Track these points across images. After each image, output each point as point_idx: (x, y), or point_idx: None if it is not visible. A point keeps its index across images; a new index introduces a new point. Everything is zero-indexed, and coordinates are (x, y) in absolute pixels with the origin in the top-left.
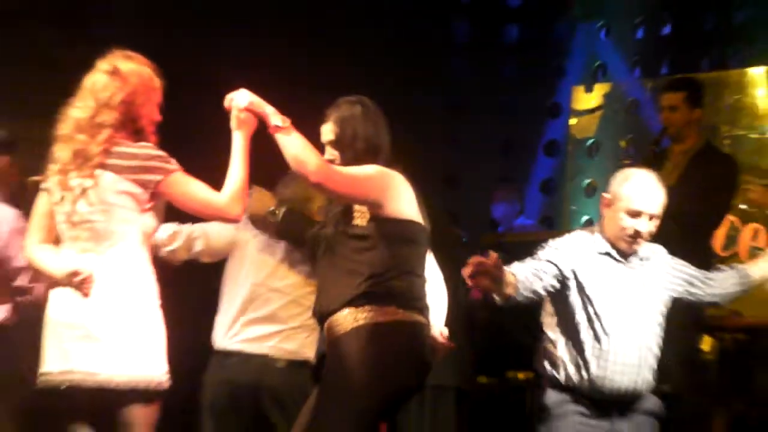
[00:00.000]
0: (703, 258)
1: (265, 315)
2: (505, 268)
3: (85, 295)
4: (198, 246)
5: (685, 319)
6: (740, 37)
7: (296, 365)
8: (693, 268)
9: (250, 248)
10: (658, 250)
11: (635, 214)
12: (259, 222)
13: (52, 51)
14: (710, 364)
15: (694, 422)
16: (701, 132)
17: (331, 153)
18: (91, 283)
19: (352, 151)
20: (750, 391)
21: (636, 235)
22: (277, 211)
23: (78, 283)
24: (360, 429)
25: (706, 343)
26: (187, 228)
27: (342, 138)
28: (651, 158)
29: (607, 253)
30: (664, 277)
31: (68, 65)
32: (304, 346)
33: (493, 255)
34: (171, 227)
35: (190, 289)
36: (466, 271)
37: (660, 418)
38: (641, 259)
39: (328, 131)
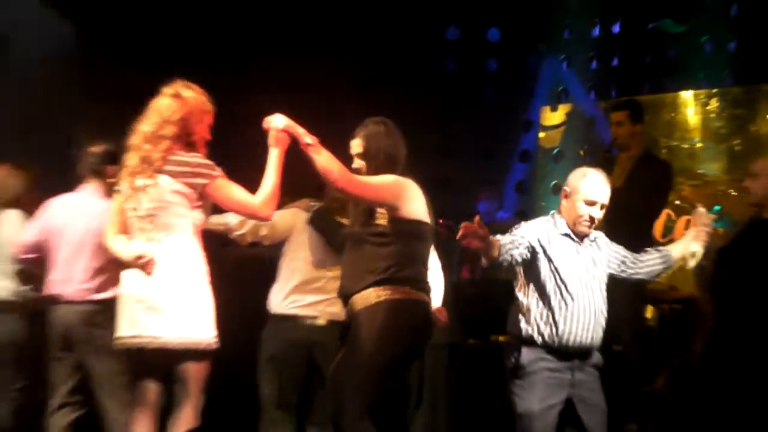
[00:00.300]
0: (645, 244)
1: (314, 287)
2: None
3: (149, 274)
4: (262, 231)
5: (632, 293)
6: (672, 68)
7: (336, 324)
8: (626, 251)
9: (304, 236)
10: (601, 235)
11: (591, 204)
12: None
13: (137, 86)
14: (653, 329)
15: (641, 375)
16: (642, 142)
17: (358, 163)
18: (153, 265)
19: (375, 162)
20: (684, 350)
21: (591, 220)
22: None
23: (143, 264)
24: (377, 380)
25: (650, 312)
26: (249, 224)
27: (367, 151)
28: (603, 163)
29: (567, 234)
30: (605, 257)
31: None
32: (342, 310)
33: (477, 218)
34: (239, 217)
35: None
36: (459, 235)
37: (600, 370)
38: (591, 241)
39: (356, 145)
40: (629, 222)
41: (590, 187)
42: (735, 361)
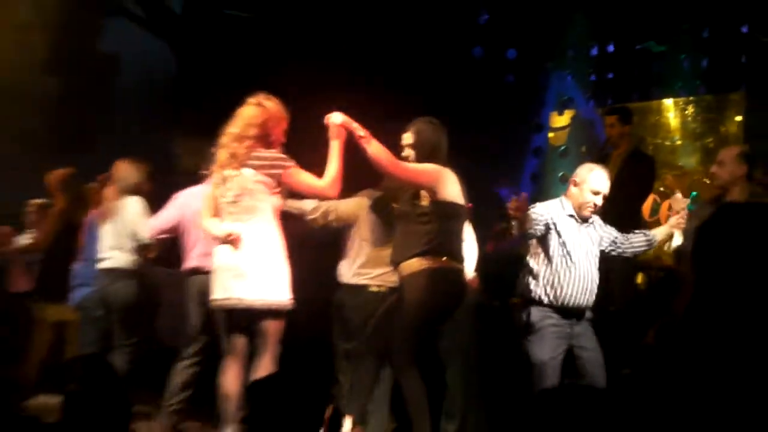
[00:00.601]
0: (635, 223)
1: (377, 262)
2: None
3: (236, 248)
4: (331, 216)
5: (626, 262)
6: (656, 80)
7: (393, 290)
8: (617, 232)
9: (367, 220)
10: (597, 218)
11: (596, 193)
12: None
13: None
14: (643, 292)
15: (632, 331)
16: (631, 141)
17: (407, 152)
18: (240, 241)
19: (421, 152)
20: (668, 310)
21: (594, 207)
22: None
23: (232, 241)
24: (420, 333)
25: (640, 278)
26: (325, 203)
27: (416, 142)
28: (600, 158)
29: (572, 216)
30: (599, 236)
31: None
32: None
33: (524, 194)
34: (314, 202)
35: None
36: (511, 206)
37: (593, 324)
38: (590, 223)
39: (407, 137)
40: (620, 206)
41: (596, 179)
42: (711, 319)
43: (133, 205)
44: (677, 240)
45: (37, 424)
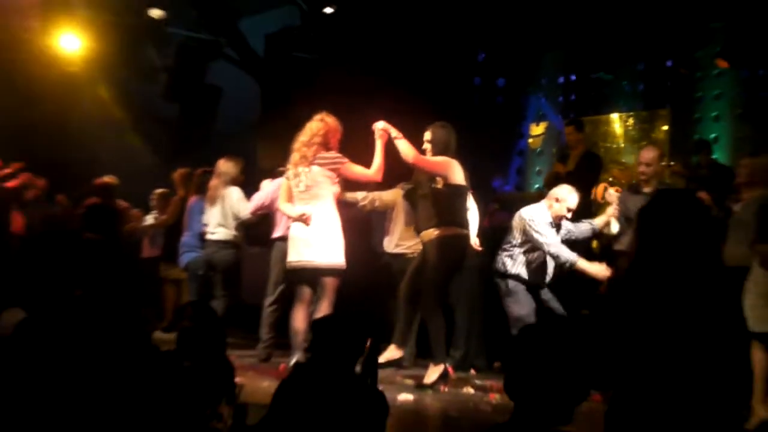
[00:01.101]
0: (586, 208)
1: (408, 236)
2: None
3: (307, 224)
4: (377, 203)
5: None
6: (607, 100)
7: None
8: (571, 224)
9: (401, 205)
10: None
11: (570, 210)
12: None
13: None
14: (597, 254)
15: (590, 283)
16: (585, 144)
17: (426, 146)
18: (309, 219)
19: (437, 147)
20: (616, 264)
21: (565, 218)
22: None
23: (303, 219)
24: (441, 284)
25: (595, 243)
26: (371, 194)
27: (433, 140)
28: (561, 157)
29: (550, 222)
30: (563, 230)
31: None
32: None
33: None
34: (363, 193)
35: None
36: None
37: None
38: (558, 225)
39: (427, 135)
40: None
41: (573, 201)
42: (648, 274)
43: (235, 193)
44: (615, 225)
45: (157, 352)
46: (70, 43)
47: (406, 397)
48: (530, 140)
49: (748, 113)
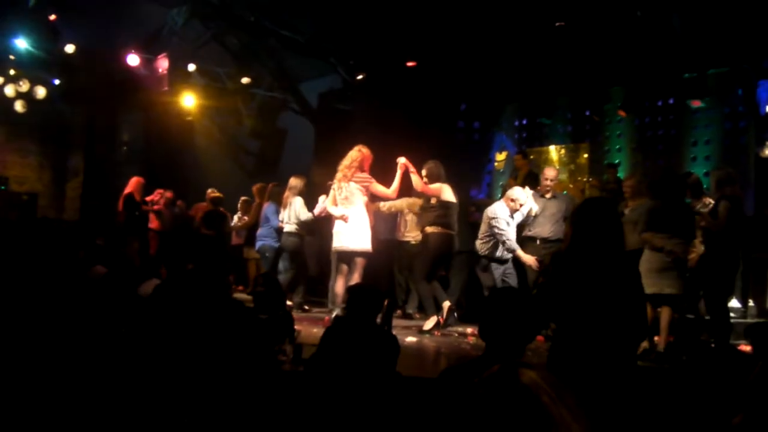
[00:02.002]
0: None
1: (413, 229)
2: None
3: (345, 222)
4: (393, 209)
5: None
6: (547, 136)
7: (421, 243)
8: (519, 213)
9: (407, 210)
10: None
11: (520, 204)
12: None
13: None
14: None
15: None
16: (529, 167)
17: (425, 177)
18: (347, 218)
19: (431, 178)
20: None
21: (517, 209)
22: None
23: (344, 218)
24: (432, 265)
25: None
26: (388, 203)
27: (428, 174)
28: (514, 176)
29: (509, 214)
30: (518, 215)
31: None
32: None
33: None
34: (384, 204)
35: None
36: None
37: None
38: (512, 214)
39: (424, 171)
40: None
41: (522, 198)
42: (578, 253)
43: (298, 201)
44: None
45: (242, 307)
46: (188, 100)
47: (411, 339)
48: (496, 164)
49: (639, 146)
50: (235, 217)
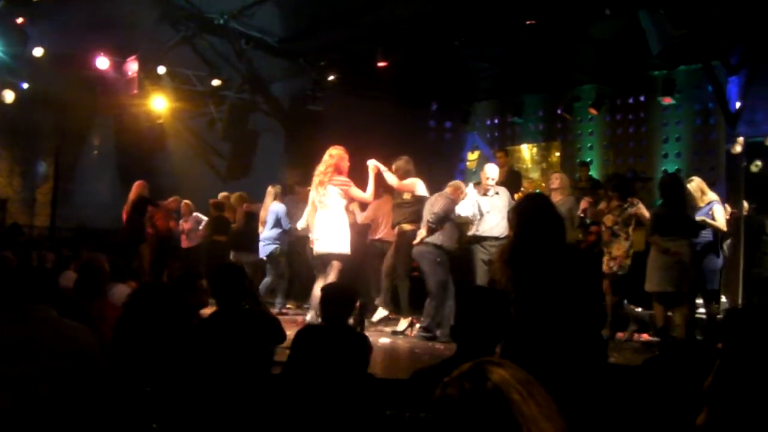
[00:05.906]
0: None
1: (388, 230)
2: None
3: (324, 225)
4: (367, 220)
5: None
6: (519, 136)
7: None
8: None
9: (381, 212)
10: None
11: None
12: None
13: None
14: None
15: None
16: (509, 165)
17: (397, 173)
18: (325, 222)
19: (399, 173)
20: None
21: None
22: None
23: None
24: (409, 261)
25: None
26: (364, 214)
27: (397, 170)
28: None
29: (483, 195)
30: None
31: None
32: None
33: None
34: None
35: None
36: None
37: None
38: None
39: (393, 166)
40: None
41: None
42: (524, 244)
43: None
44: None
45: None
46: (159, 103)
47: (384, 340)
48: (468, 163)
49: (609, 144)
50: (181, 221)
